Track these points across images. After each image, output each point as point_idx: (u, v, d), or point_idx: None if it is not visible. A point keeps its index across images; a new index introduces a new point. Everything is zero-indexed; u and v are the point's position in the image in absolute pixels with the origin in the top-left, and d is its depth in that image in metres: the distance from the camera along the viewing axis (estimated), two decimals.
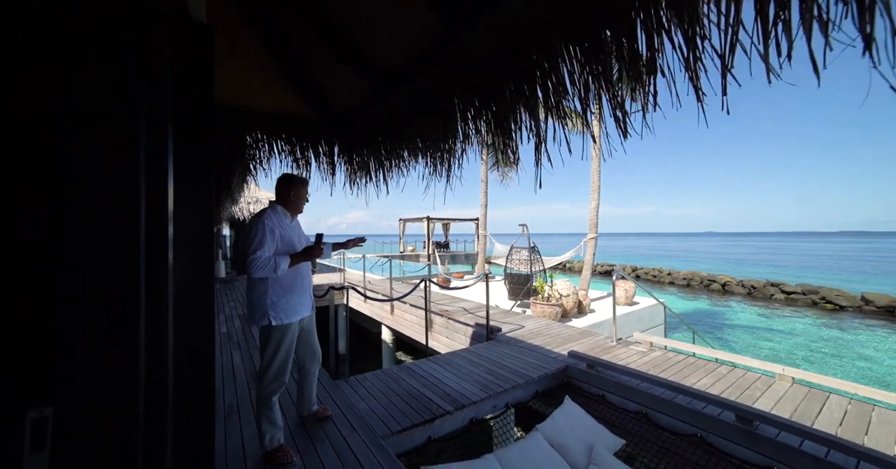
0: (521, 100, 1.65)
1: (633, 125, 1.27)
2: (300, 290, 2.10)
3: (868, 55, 0.79)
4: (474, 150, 2.27)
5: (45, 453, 0.48)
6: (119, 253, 0.59)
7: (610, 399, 3.17)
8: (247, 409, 2.56)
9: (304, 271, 2.16)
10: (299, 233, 2.19)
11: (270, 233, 1.94)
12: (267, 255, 1.90)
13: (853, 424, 2.59)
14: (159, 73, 0.76)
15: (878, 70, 0.80)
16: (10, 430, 0.47)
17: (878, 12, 0.76)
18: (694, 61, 1.08)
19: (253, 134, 2.93)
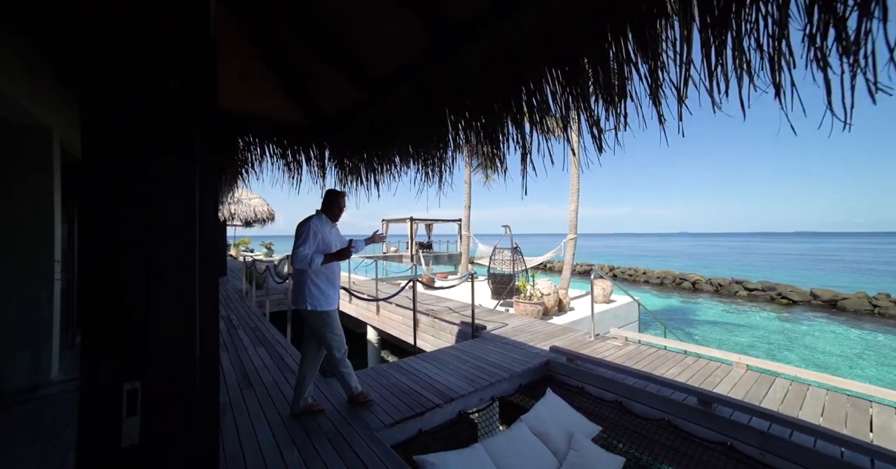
0: (508, 114, 1.81)
1: (607, 142, 1.45)
2: (333, 285, 2.54)
3: (777, 101, 1.00)
4: (471, 159, 2.43)
5: (137, 417, 0.60)
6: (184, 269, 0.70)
7: (588, 390, 3.39)
8: (240, 411, 2.58)
9: (337, 271, 2.60)
10: (337, 237, 2.62)
11: (314, 235, 2.42)
12: (307, 252, 2.36)
13: (791, 402, 2.93)
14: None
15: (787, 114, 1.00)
16: (113, 397, 0.58)
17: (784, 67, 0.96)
18: (655, 89, 1.27)
19: (245, 137, 2.98)
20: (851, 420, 2.64)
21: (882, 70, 0.82)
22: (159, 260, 0.67)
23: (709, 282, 20.51)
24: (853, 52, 0.85)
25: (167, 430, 0.63)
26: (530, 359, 3.79)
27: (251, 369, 3.28)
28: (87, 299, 0.61)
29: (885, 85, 0.83)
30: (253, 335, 4.45)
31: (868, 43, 0.84)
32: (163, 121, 0.77)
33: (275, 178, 3.28)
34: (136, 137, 0.72)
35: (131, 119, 0.73)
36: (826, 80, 0.90)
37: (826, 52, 0.89)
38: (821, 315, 14.40)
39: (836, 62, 0.85)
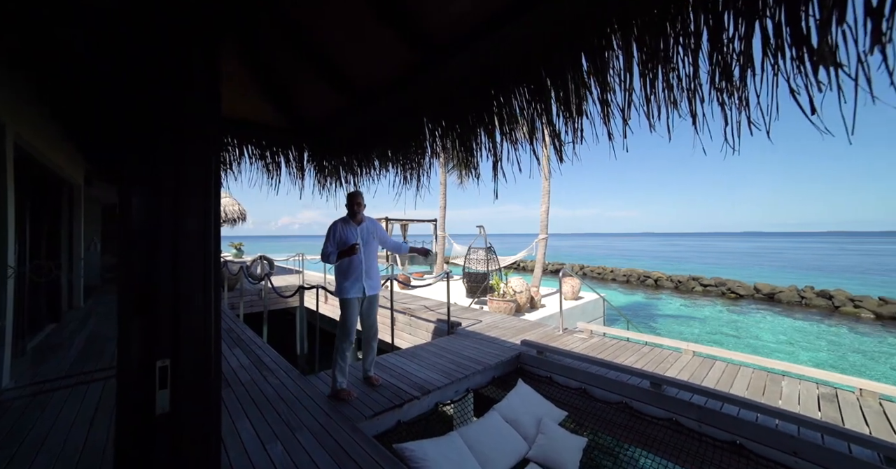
0: (481, 124, 1.99)
1: (566, 153, 1.65)
2: (351, 277, 2.91)
3: (693, 127, 1.22)
4: (446, 164, 2.58)
5: (167, 390, 0.71)
6: (203, 265, 0.82)
7: (556, 379, 3.64)
8: None
9: (355, 264, 2.92)
10: (361, 235, 2.97)
11: (332, 233, 2.93)
12: (326, 250, 2.88)
13: (725, 380, 3.36)
14: None
15: (699, 136, 1.23)
16: (148, 373, 0.69)
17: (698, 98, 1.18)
18: (606, 111, 1.48)
19: (224, 138, 2.99)
20: (768, 391, 3.11)
21: (754, 110, 1.06)
22: (185, 258, 0.78)
23: (669, 279, 21.81)
24: (739, 94, 1.09)
25: (191, 399, 0.74)
26: (503, 352, 4.01)
27: (228, 370, 3.28)
28: (126, 291, 0.72)
29: (757, 122, 1.07)
30: (227, 337, 4.40)
31: (744, 90, 1.07)
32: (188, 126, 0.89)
33: (252, 178, 3.30)
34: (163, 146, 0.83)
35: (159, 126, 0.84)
36: (724, 113, 1.13)
37: (722, 91, 1.12)
38: (762, 307, 15.93)
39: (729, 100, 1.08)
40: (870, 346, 10.44)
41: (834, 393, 3.04)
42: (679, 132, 1.29)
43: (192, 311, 0.77)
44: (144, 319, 0.71)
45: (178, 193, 0.92)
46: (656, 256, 50.51)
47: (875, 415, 2.69)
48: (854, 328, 12.34)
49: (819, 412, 2.75)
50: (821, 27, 0.89)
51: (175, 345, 0.73)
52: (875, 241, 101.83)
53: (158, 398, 0.69)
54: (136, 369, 0.68)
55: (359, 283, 2.92)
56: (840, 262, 38.62)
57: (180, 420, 0.72)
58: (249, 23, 2.03)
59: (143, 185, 0.79)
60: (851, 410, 2.77)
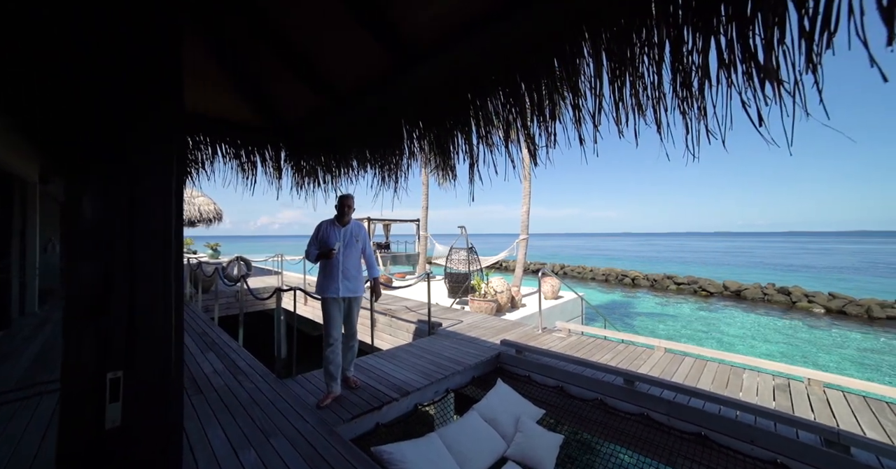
0: (458, 127, 2.00)
1: (540, 156, 1.68)
2: (330, 276, 2.96)
3: (658, 134, 1.28)
4: (424, 166, 2.58)
5: (119, 403, 0.68)
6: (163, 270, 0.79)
7: (534, 378, 3.70)
8: (189, 418, 2.48)
9: (333, 264, 2.96)
10: (343, 237, 3.02)
11: (316, 234, 3.01)
12: (309, 249, 2.98)
13: (693, 375, 3.51)
14: None
15: (665, 146, 1.28)
16: (97, 385, 0.66)
17: (662, 106, 1.23)
18: (578, 116, 1.52)
19: (195, 136, 2.90)
20: (731, 384, 3.28)
21: (711, 120, 1.12)
22: (143, 259, 0.75)
23: (646, 277, 22.51)
24: (698, 104, 1.14)
25: (147, 412, 0.71)
26: (483, 352, 4.04)
27: (200, 376, 3.18)
28: (74, 295, 0.68)
29: (714, 131, 1.13)
30: (200, 341, 4.25)
31: (705, 99, 1.13)
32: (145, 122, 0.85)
33: (227, 178, 3.20)
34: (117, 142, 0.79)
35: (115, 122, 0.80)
36: (685, 122, 1.18)
37: (684, 101, 1.17)
38: (729, 304, 16.74)
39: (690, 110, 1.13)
40: (820, 338, 11.24)
41: (787, 383, 3.24)
42: (648, 138, 1.34)
43: (150, 317, 0.74)
44: (95, 326, 0.68)
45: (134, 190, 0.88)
46: (635, 256, 52.05)
47: (819, 402, 2.89)
48: (807, 322, 13.18)
49: (774, 401, 2.92)
50: (766, 46, 0.95)
51: (130, 353, 0.70)
52: (831, 241, 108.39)
53: (109, 411, 0.66)
54: (83, 380, 0.65)
55: (335, 283, 2.95)
56: (800, 260, 40.88)
57: (134, 434, 0.69)
58: (217, 11, 1.97)
59: (94, 181, 0.75)
60: (800, 398, 2.96)
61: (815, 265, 35.62)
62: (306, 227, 24.11)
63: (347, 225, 3.06)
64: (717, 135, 1.09)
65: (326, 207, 3.51)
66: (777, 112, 0.94)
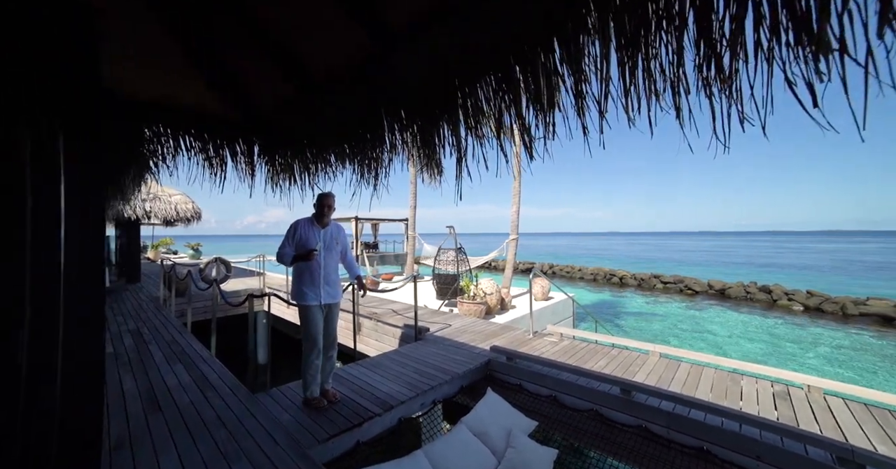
0: (444, 116, 1.79)
1: (537, 150, 1.49)
2: (308, 282, 2.73)
3: (678, 121, 1.09)
4: (408, 161, 2.36)
5: None
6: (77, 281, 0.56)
7: (526, 387, 3.52)
8: (141, 443, 2.20)
9: (313, 269, 2.74)
10: (327, 238, 2.81)
11: (292, 232, 2.72)
12: (283, 251, 2.69)
13: (691, 382, 3.38)
14: None
15: (683, 132, 1.10)
16: None
17: (682, 91, 1.05)
18: (581, 103, 1.33)
19: (154, 127, 2.61)
20: (730, 392, 3.14)
21: (747, 102, 0.93)
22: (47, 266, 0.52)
23: (633, 277, 22.71)
24: (728, 85, 0.95)
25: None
26: (472, 359, 3.85)
27: (162, 391, 2.90)
28: None
29: (750, 116, 0.94)
30: (168, 350, 3.95)
31: (737, 79, 0.94)
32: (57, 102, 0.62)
33: (192, 174, 2.92)
34: None
35: None
36: (711, 107, 1.00)
37: (710, 82, 0.99)
38: (714, 302, 16.99)
39: (718, 92, 0.94)
40: (799, 336, 11.48)
41: (786, 390, 3.13)
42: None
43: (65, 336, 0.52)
44: None
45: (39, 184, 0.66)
46: (622, 255, 52.73)
47: (822, 411, 2.78)
48: (788, 320, 13.46)
49: (776, 411, 2.80)
50: (821, 8, 0.77)
51: None
52: (805, 240, 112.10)
53: None
54: None
55: (316, 289, 2.75)
56: (779, 259, 42.04)
57: None
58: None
59: None
60: (802, 407, 2.85)
61: (793, 264, 36.66)
62: None
63: (327, 226, 2.85)
64: (754, 120, 0.91)
65: (304, 206, 3.27)
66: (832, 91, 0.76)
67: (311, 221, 2.80)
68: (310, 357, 2.75)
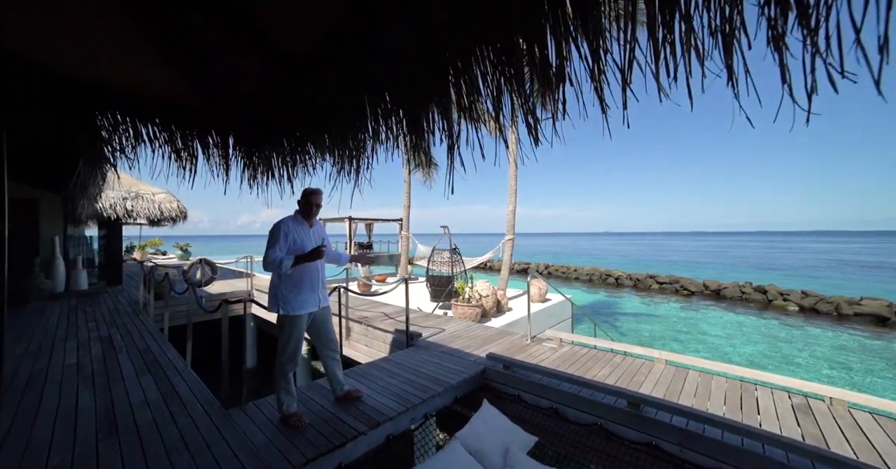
0: (434, 98, 1.54)
1: (543, 132, 1.25)
2: (308, 288, 2.46)
3: (731, 85, 0.85)
4: (394, 150, 2.10)
5: None
6: None
7: (525, 398, 3.28)
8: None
9: (313, 272, 2.49)
10: (315, 236, 2.55)
11: (284, 236, 2.34)
12: (276, 255, 2.29)
13: (702, 393, 3.15)
14: None
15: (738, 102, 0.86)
16: None
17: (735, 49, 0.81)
18: (598, 73, 1.09)
19: (109, 115, 2.33)
20: (746, 405, 2.91)
21: (848, 53, 0.69)
22: None
23: (629, 277, 22.64)
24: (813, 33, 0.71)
25: None
26: (466, 368, 3.60)
27: (124, 409, 2.61)
28: None
29: (851, 72, 0.70)
30: (140, 360, 3.65)
31: (829, 21, 0.71)
32: None
33: (155, 167, 2.64)
34: None
35: None
36: (782, 64, 0.76)
37: (785, 31, 0.75)
38: (710, 303, 16.93)
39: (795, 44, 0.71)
40: (795, 336, 11.39)
41: (806, 403, 2.91)
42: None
43: None
44: None
45: None
46: (617, 254, 52.86)
47: (850, 428, 2.55)
48: (783, 320, 13.40)
49: (798, 427, 2.57)
50: None
51: None
52: (797, 240, 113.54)
53: None
54: None
55: (315, 295, 2.52)
56: (773, 259, 42.39)
57: None
58: None
59: None
60: (827, 423, 2.62)
61: (787, 264, 36.94)
62: None
63: (314, 226, 2.61)
64: (861, 77, 0.67)
65: (283, 204, 3.00)
66: None
67: (299, 222, 2.50)
68: (285, 368, 2.49)
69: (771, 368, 8.65)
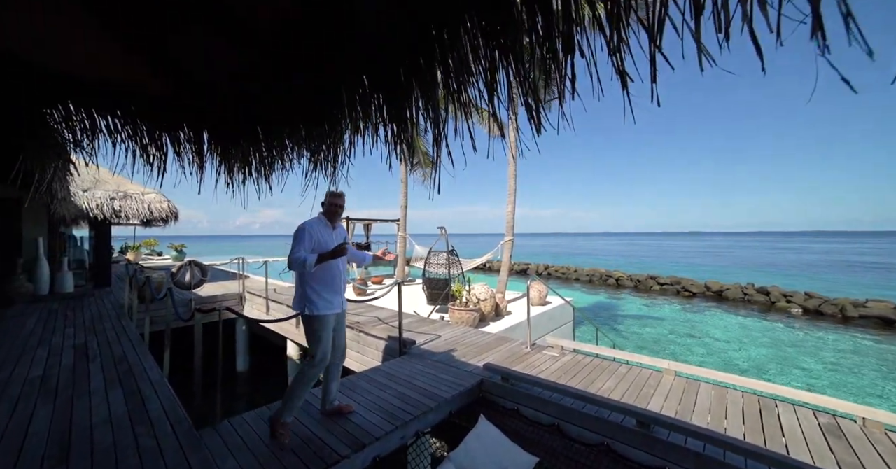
0: (417, 80, 1.31)
1: (547, 116, 1.01)
2: (332, 289, 2.48)
3: (819, 37, 0.62)
4: (374, 143, 1.87)
5: None
6: None
7: (524, 412, 3.05)
8: None
9: (336, 273, 2.52)
10: (339, 239, 2.56)
11: (308, 236, 2.37)
12: (298, 254, 2.30)
13: (717, 410, 2.89)
14: None
15: (826, 57, 0.63)
16: None
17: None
18: (618, 41, 0.86)
19: (60, 106, 2.09)
20: (767, 425, 2.64)
21: None
22: None
23: (629, 278, 22.41)
24: None
25: None
26: (462, 380, 3.37)
27: (83, 429, 2.36)
28: None
29: None
30: (113, 370, 3.41)
31: None
32: None
33: (117, 162, 2.41)
34: None
35: None
36: None
37: None
38: (712, 304, 16.67)
39: None
40: (801, 340, 11.14)
41: (835, 423, 2.64)
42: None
43: None
44: None
45: None
46: (617, 255, 52.64)
47: (893, 455, 2.29)
48: (787, 323, 13.16)
49: (832, 454, 2.30)
50: None
51: None
52: (798, 240, 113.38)
53: None
54: None
55: (339, 296, 2.54)
56: (773, 260, 42.18)
57: None
58: None
59: None
60: (863, 448, 2.34)
61: (794, 264, 36.73)
62: (288, 226, 22.91)
63: (337, 228, 2.63)
64: None
65: (282, 205, 2.77)
66: None
67: (324, 224, 2.52)
68: (313, 374, 2.41)
69: (774, 372, 8.43)
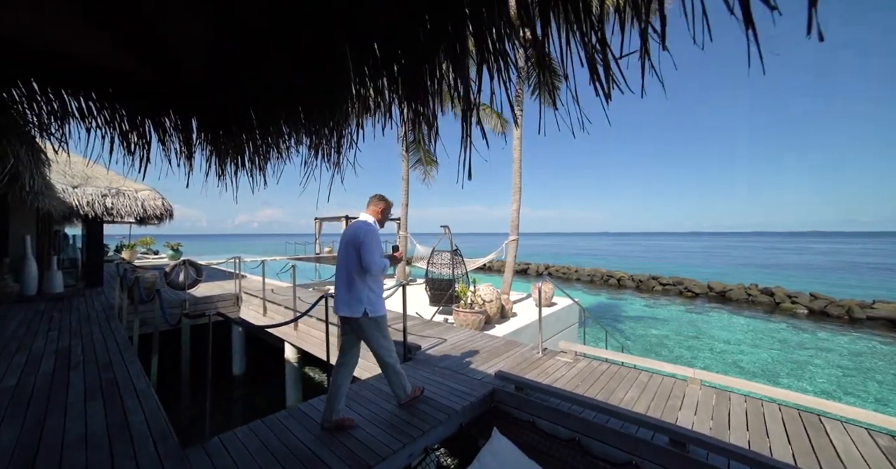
0: (442, 45, 1.07)
1: (623, 77, 0.78)
2: (381, 290, 2.64)
3: None
4: (386, 124, 1.62)
5: None
6: None
7: (540, 425, 2.83)
8: None
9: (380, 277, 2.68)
10: None
11: (381, 241, 2.59)
12: (384, 260, 2.53)
13: (755, 425, 2.64)
14: None
15: None
16: None
17: None
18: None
19: (23, 86, 1.84)
20: (818, 446, 2.38)
21: None
22: None
23: (631, 278, 22.24)
24: None
25: None
26: (472, 389, 3.14)
27: (53, 449, 2.12)
28: None
29: None
30: (95, 378, 3.16)
31: None
32: None
33: (92, 150, 2.16)
34: None
35: None
36: None
37: None
38: (715, 305, 16.53)
39: None
40: (808, 342, 10.95)
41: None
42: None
43: None
44: None
45: None
46: (616, 255, 52.51)
47: None
48: (793, 324, 12.99)
49: None
50: None
51: None
52: (798, 241, 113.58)
53: None
54: None
55: None
56: (775, 260, 42.10)
57: None
58: None
59: None
60: None
61: (789, 264, 36.63)
62: (287, 226, 22.42)
63: None
64: None
65: (282, 205, 2.53)
66: None
67: (376, 226, 2.72)
68: (393, 361, 2.67)
69: (787, 376, 8.23)
